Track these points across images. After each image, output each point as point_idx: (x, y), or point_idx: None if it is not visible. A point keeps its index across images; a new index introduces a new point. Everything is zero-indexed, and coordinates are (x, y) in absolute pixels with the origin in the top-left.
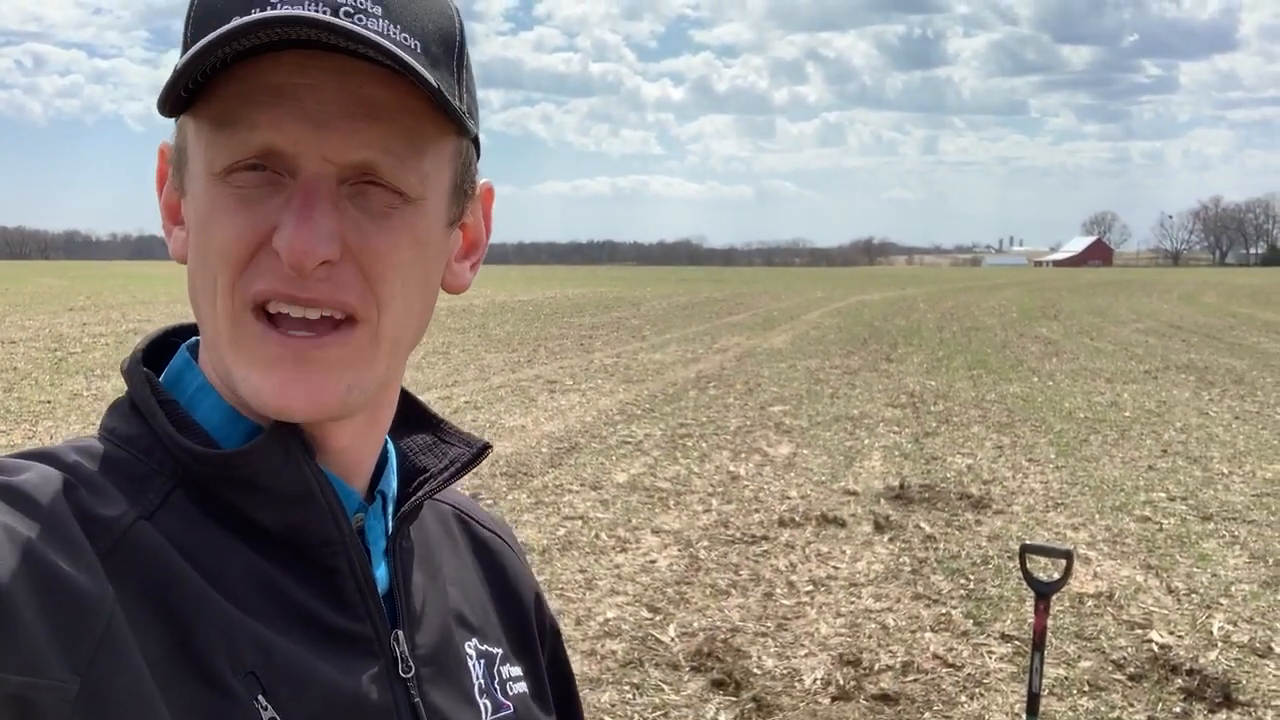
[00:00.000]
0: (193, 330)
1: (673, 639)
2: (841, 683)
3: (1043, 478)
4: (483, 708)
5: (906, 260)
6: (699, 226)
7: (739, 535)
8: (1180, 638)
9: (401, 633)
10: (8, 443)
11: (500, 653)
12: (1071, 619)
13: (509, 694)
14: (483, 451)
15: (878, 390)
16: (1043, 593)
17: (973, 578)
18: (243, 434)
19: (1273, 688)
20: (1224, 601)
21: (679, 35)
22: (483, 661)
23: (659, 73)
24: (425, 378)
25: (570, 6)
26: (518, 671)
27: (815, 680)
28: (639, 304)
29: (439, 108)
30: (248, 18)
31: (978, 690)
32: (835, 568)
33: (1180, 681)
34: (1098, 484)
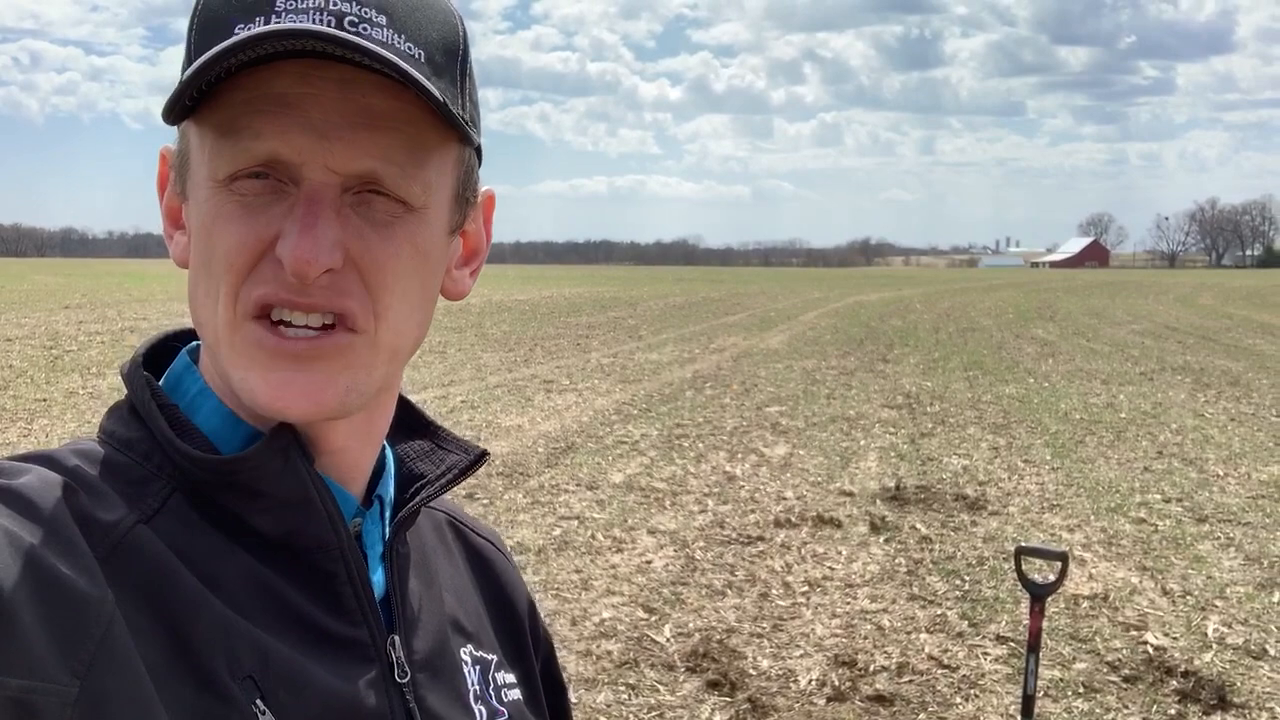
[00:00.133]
0: (193, 335)
1: (668, 639)
2: (837, 684)
3: (1038, 479)
4: (478, 713)
5: (903, 261)
6: (696, 226)
7: (735, 536)
8: (1175, 639)
9: (398, 638)
10: (3, 441)
11: (495, 659)
12: (1066, 620)
13: (503, 700)
14: (480, 459)
15: (874, 391)
16: (1038, 594)
17: (968, 579)
18: (242, 439)
19: (1267, 690)
20: (1219, 603)
21: (677, 35)
22: (478, 668)
23: (656, 72)
24: (422, 377)
25: (568, 6)
26: (512, 679)
27: (810, 681)
28: (636, 304)
29: (442, 117)
30: (254, 30)
31: (973, 691)
32: (831, 568)
33: (1175, 683)
34: (1093, 485)
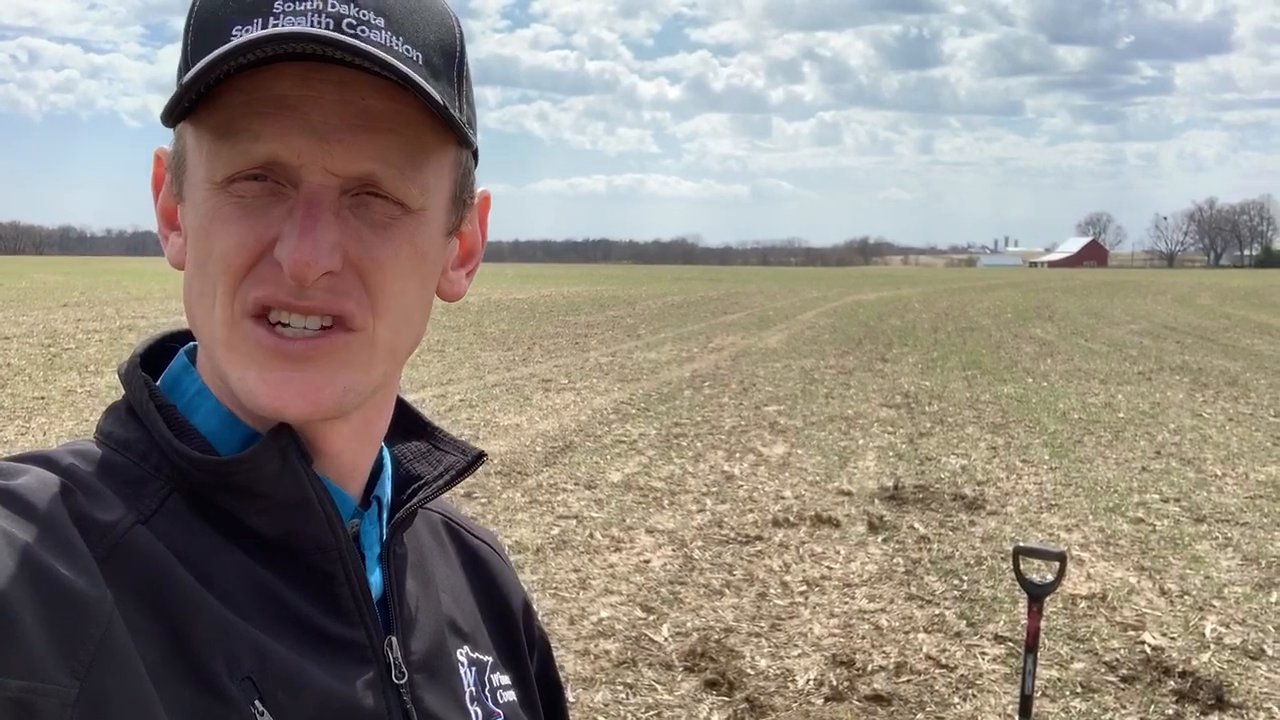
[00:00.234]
0: (190, 335)
1: (666, 639)
2: (835, 683)
3: (1036, 479)
4: (474, 715)
5: (902, 260)
6: (695, 225)
7: (733, 535)
8: (1173, 639)
9: (395, 638)
10: (1, 439)
11: (490, 661)
12: (1064, 620)
13: (499, 702)
14: (477, 460)
15: (872, 390)
16: (1036, 594)
17: (966, 579)
18: (240, 439)
19: (1264, 690)
20: (1216, 603)
21: (675, 34)
22: (474, 669)
23: (655, 71)
24: (420, 375)
25: (566, 4)
26: (507, 680)
27: (808, 681)
28: (634, 303)
29: (441, 120)
30: (254, 34)
31: (970, 691)
32: (829, 568)
33: (1172, 683)
34: (1091, 485)
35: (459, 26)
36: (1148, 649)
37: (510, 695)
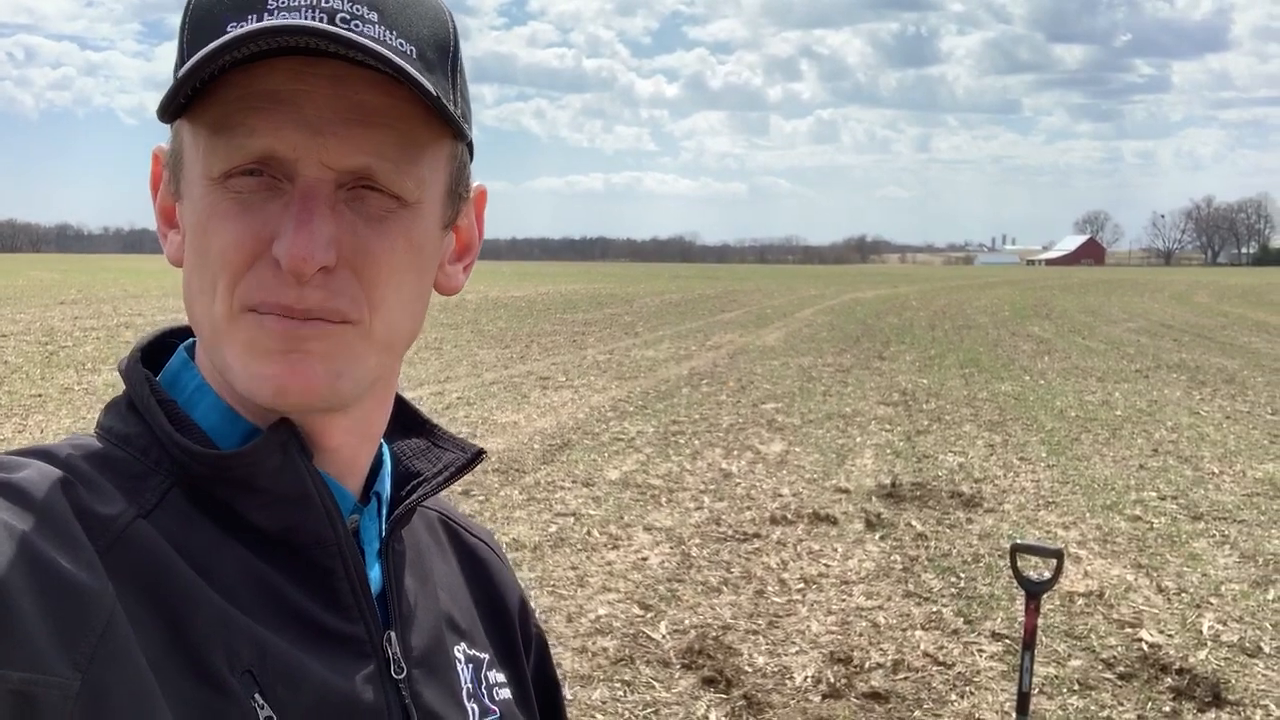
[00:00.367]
0: (189, 332)
1: (664, 636)
2: (832, 680)
3: (1034, 476)
4: (470, 711)
5: (899, 258)
6: (692, 223)
7: (731, 533)
8: (1170, 637)
9: (394, 634)
10: None
11: (487, 658)
12: (1062, 617)
13: (495, 699)
14: (477, 457)
15: (870, 388)
16: (1033, 592)
17: (963, 576)
18: (240, 434)
19: (1261, 687)
20: (1214, 601)
21: (673, 31)
22: (470, 666)
23: (653, 69)
24: (418, 373)
25: (564, 2)
26: (503, 678)
27: (806, 678)
28: (632, 301)
29: (435, 113)
30: (246, 27)
31: (968, 689)
32: (826, 565)
33: (1170, 681)
34: (1089, 483)
35: (452, 21)
36: (1145, 646)
37: (506, 693)
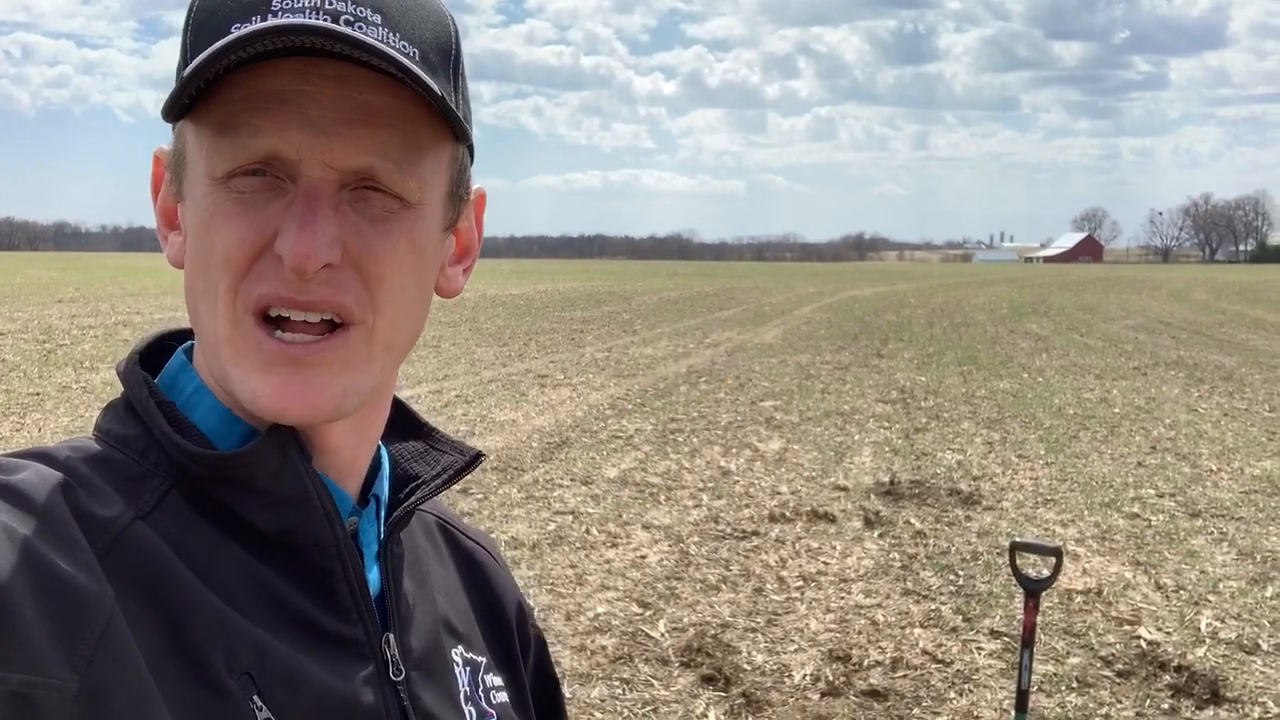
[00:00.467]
0: (187, 335)
1: (663, 634)
2: (831, 678)
3: (1032, 474)
4: (468, 714)
5: (897, 256)
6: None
7: (729, 531)
8: (1168, 634)
9: (392, 636)
10: None
11: (484, 662)
12: (1060, 615)
13: (492, 702)
14: (475, 460)
15: (868, 386)
16: (1032, 590)
17: (962, 574)
18: (239, 436)
19: (1259, 684)
20: (1212, 598)
21: (671, 29)
22: (468, 669)
23: (650, 66)
24: (416, 371)
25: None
26: (500, 681)
27: (805, 676)
28: (630, 298)
29: (438, 114)
30: (252, 26)
31: (966, 686)
32: (825, 563)
33: (1168, 678)
34: (1087, 480)
35: (454, 24)
36: (1143, 644)
37: (503, 696)
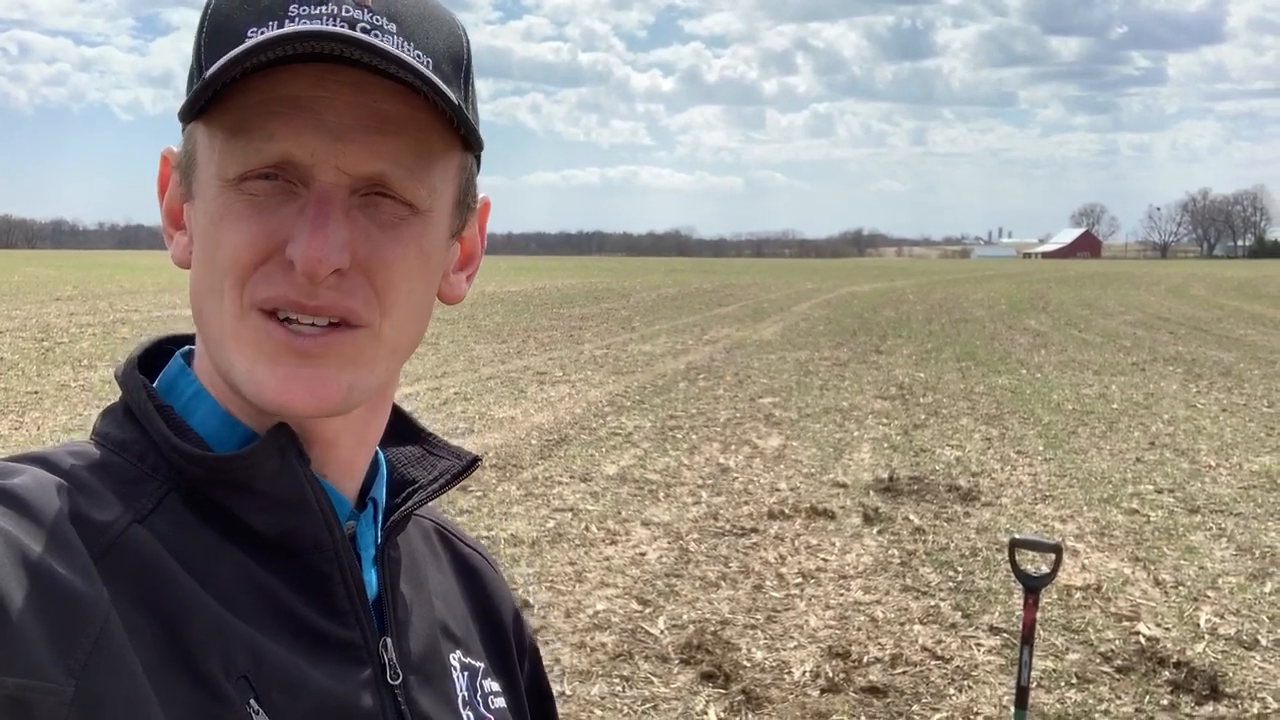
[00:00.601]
0: (185, 339)
1: (662, 631)
2: (830, 675)
3: (1031, 470)
4: (465, 718)
5: (896, 252)
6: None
7: (728, 527)
8: (1168, 630)
9: (390, 639)
10: None
11: (482, 667)
12: (1059, 611)
13: (490, 708)
14: (472, 465)
15: (867, 382)
16: (1032, 587)
17: (961, 570)
18: (238, 440)
19: (1259, 680)
20: (1211, 594)
21: (668, 25)
22: (466, 674)
23: (648, 63)
24: (415, 369)
25: None
26: (497, 687)
27: (804, 672)
28: (628, 295)
29: (449, 123)
30: (270, 32)
31: (966, 682)
32: (824, 560)
33: (1167, 674)
34: (1086, 476)
35: (465, 35)
36: (1142, 640)
37: (501, 702)
